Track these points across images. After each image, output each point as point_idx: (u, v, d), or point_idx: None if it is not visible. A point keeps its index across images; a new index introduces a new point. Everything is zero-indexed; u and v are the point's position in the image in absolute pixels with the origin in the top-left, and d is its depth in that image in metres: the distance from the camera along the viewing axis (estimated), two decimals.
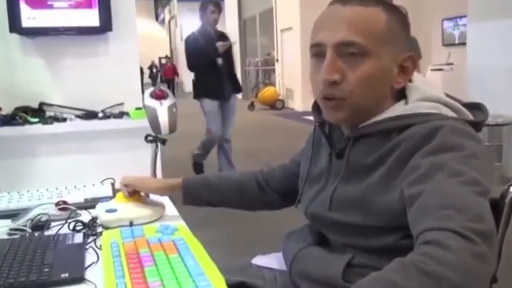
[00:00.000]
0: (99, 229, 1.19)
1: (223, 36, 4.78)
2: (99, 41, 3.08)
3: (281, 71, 13.44)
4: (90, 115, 3.00)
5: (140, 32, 3.75)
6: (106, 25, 2.97)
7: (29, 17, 2.84)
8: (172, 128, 1.75)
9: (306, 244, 1.08)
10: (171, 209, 1.36)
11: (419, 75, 1.02)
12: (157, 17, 30.75)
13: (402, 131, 0.91)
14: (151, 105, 1.73)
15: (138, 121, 2.79)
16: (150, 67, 24.20)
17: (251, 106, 12.48)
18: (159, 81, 22.37)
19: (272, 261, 1.22)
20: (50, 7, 2.88)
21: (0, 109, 2.86)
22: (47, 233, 1.18)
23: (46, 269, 0.94)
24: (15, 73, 2.99)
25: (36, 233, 1.17)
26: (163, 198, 1.37)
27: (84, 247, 1.07)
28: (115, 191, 1.43)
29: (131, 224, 1.20)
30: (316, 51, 0.97)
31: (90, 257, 1.03)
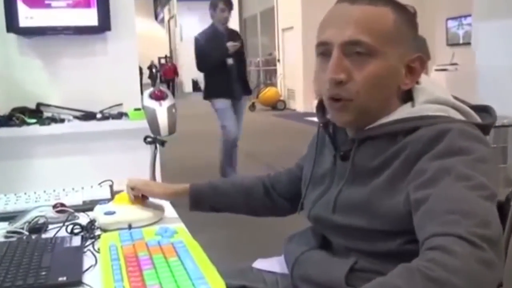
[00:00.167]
0: (97, 232, 1.19)
1: (234, 35, 4.67)
2: (98, 41, 3.08)
3: (282, 71, 13.44)
4: (88, 116, 3.00)
5: (139, 31, 3.74)
6: (104, 24, 2.97)
7: (26, 16, 2.84)
8: (172, 129, 1.75)
9: (309, 247, 1.08)
10: (170, 211, 1.36)
11: (426, 76, 1.01)
12: (156, 17, 30.78)
13: (408, 133, 0.91)
14: (150, 106, 1.73)
15: (137, 122, 2.79)
16: (150, 67, 24.21)
17: (252, 107, 12.47)
18: (159, 81, 22.39)
19: (273, 264, 1.22)
20: (48, 6, 2.88)
21: None
22: (44, 236, 1.18)
23: (44, 273, 0.94)
24: (12, 73, 3.00)
25: (34, 236, 1.17)
26: (163, 201, 1.37)
27: (82, 250, 1.07)
28: (114, 193, 1.43)
29: (129, 227, 1.20)
30: (322, 50, 0.96)
31: (88, 260, 1.03)
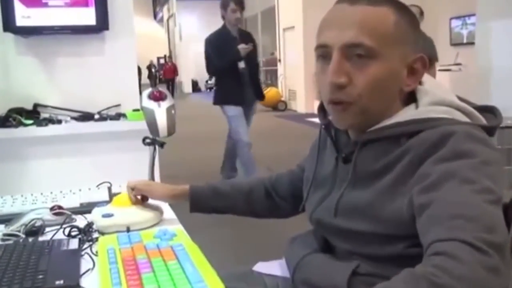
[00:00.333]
0: (95, 235, 1.19)
1: (247, 37, 4.52)
2: (96, 41, 3.08)
3: (283, 72, 13.45)
4: (86, 117, 2.99)
5: (138, 31, 3.74)
6: (102, 24, 2.97)
7: (23, 15, 2.84)
8: (171, 131, 1.74)
9: (310, 250, 1.08)
10: (169, 213, 1.36)
11: (429, 77, 1.00)
12: (155, 16, 30.84)
13: (411, 136, 0.91)
14: (149, 106, 1.73)
15: (135, 123, 2.79)
16: (149, 67, 24.22)
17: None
18: (157, 81, 22.39)
19: (274, 268, 1.22)
20: (45, 5, 2.88)
21: None
22: (41, 238, 1.18)
23: (40, 276, 0.94)
24: (8, 74, 3.00)
25: (30, 239, 1.17)
26: (161, 202, 1.37)
27: (79, 253, 1.07)
28: (112, 195, 1.43)
29: (128, 230, 1.20)
30: (321, 52, 0.96)
31: (85, 263, 1.03)
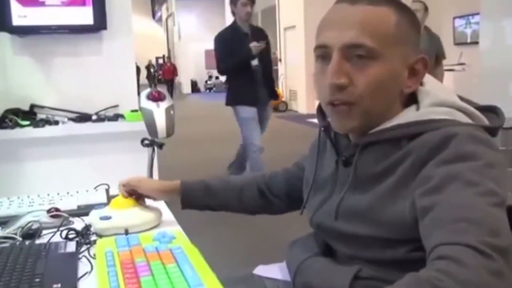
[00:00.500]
0: (93, 238, 1.19)
1: (259, 34, 4.32)
2: (93, 40, 3.08)
3: (284, 72, 13.46)
4: (83, 117, 3.00)
5: (136, 30, 3.75)
6: (100, 23, 2.97)
7: (20, 15, 2.84)
8: (170, 132, 1.75)
9: (311, 254, 1.08)
10: (168, 214, 1.37)
11: (430, 77, 1.00)
12: (153, 15, 30.86)
13: (413, 138, 0.90)
14: (147, 107, 1.73)
15: (134, 124, 2.80)
16: (148, 67, 24.21)
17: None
18: (156, 82, 22.36)
19: (275, 271, 1.22)
20: (42, 4, 2.89)
21: None
22: (38, 241, 1.18)
23: (37, 279, 0.94)
24: (5, 74, 3.00)
25: (27, 242, 1.17)
26: (160, 204, 1.37)
27: (77, 256, 1.07)
28: (110, 197, 1.43)
29: (126, 232, 1.20)
30: (321, 53, 0.96)
31: (83, 266, 1.03)
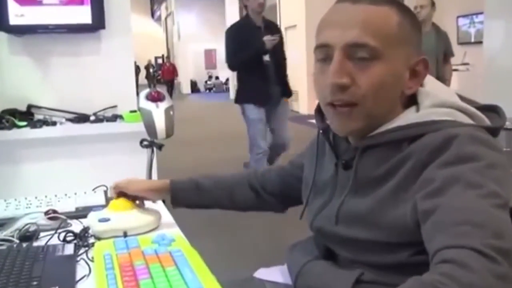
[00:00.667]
0: (91, 240, 1.19)
1: (272, 28, 4.18)
2: (91, 40, 3.08)
3: None
4: (81, 118, 3.00)
5: (135, 30, 3.74)
6: (98, 22, 2.97)
7: (17, 14, 2.84)
8: (169, 132, 1.75)
9: (312, 257, 1.08)
10: (167, 217, 1.37)
11: (430, 78, 1.00)
12: (153, 14, 30.86)
13: (414, 140, 0.90)
14: (146, 107, 1.73)
15: (132, 125, 2.80)
16: (147, 67, 24.19)
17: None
18: (155, 82, 22.29)
19: (275, 274, 1.22)
20: (39, 3, 2.89)
21: None
22: (35, 244, 1.18)
23: (35, 283, 0.94)
24: (2, 74, 3.00)
25: (24, 244, 1.17)
26: (159, 206, 1.37)
27: (75, 259, 1.08)
28: (108, 199, 1.43)
29: (125, 235, 1.20)
30: (321, 52, 0.96)
31: (81, 269, 1.03)
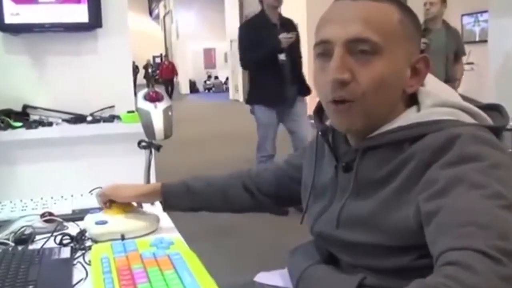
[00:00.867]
0: (88, 243, 1.19)
1: (288, 25, 4.07)
2: (88, 39, 3.08)
3: None
4: (78, 119, 3.00)
5: (133, 28, 3.74)
6: (95, 21, 2.97)
7: (12, 12, 2.84)
8: (168, 133, 1.74)
9: (313, 262, 1.08)
10: (166, 220, 1.37)
11: (431, 77, 1.00)
12: (151, 13, 30.90)
13: (415, 141, 0.90)
14: (144, 108, 1.73)
15: (130, 126, 2.80)
16: (146, 67, 24.16)
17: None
18: (153, 82, 22.23)
19: (276, 278, 1.22)
20: (35, 2, 2.88)
21: None
22: (31, 247, 1.18)
23: (30, 286, 0.94)
24: None
25: (20, 247, 1.17)
26: (158, 209, 1.37)
27: (71, 262, 1.08)
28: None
29: (122, 238, 1.21)
30: (322, 49, 0.96)
31: (78, 273, 1.03)
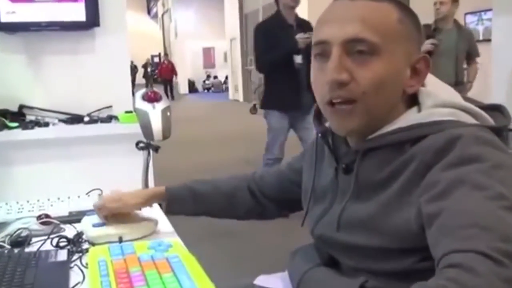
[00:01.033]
0: (85, 246, 1.20)
1: (305, 26, 3.95)
2: (85, 38, 3.08)
3: None
4: (75, 119, 3.00)
5: (131, 27, 3.74)
6: (93, 20, 2.97)
7: (8, 11, 2.84)
8: (166, 134, 1.75)
9: (314, 265, 1.08)
10: (164, 223, 1.37)
11: (432, 77, 1.01)
12: (149, 11, 30.92)
13: (416, 142, 0.90)
14: (142, 108, 1.73)
15: (128, 126, 2.80)
16: (145, 66, 24.12)
17: (253, 109, 12.46)
18: (152, 81, 22.18)
19: (276, 281, 1.22)
20: (32, 0, 2.89)
21: None
22: (27, 249, 1.18)
23: None
24: None
25: (16, 250, 1.18)
26: (156, 212, 1.37)
27: (68, 265, 1.08)
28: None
29: (120, 240, 1.21)
30: (319, 50, 0.96)
31: (75, 276, 1.03)
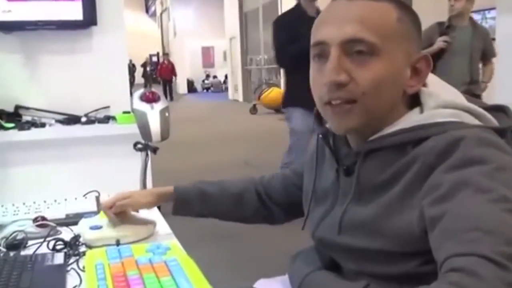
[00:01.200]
0: (82, 249, 1.19)
1: None
2: (83, 37, 3.09)
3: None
4: (72, 119, 3.00)
5: (129, 26, 3.74)
6: (90, 18, 2.98)
7: (4, 10, 2.85)
8: (165, 135, 1.75)
9: (315, 268, 1.08)
10: (162, 226, 1.37)
11: (434, 77, 1.01)
12: (147, 10, 30.94)
13: (418, 143, 0.90)
14: (140, 109, 1.73)
15: (126, 127, 2.80)
16: (144, 65, 24.06)
17: (253, 109, 12.48)
18: (151, 81, 22.11)
19: (276, 285, 1.22)
20: None
21: None
22: (23, 253, 1.18)
23: None
24: None
25: (11, 253, 1.18)
26: (154, 214, 1.37)
27: (65, 268, 1.08)
28: (100, 205, 1.43)
29: (118, 243, 1.21)
30: (318, 50, 0.96)
31: (72, 280, 1.03)
